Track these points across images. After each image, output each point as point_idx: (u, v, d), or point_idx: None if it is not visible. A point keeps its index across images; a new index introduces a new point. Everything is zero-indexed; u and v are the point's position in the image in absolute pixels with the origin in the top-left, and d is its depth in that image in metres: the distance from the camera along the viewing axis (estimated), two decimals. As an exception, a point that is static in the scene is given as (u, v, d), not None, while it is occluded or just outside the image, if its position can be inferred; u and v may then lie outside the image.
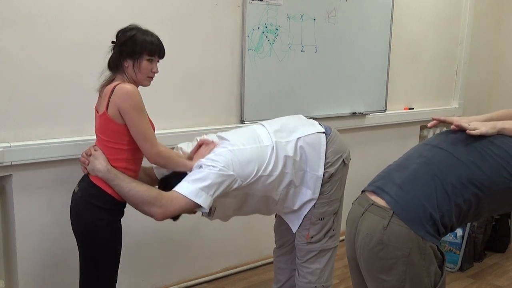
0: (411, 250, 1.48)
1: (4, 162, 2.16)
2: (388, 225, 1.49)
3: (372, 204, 1.57)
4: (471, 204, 1.53)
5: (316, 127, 2.17)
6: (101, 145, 1.91)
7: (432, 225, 1.49)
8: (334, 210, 2.19)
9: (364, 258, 1.56)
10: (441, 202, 1.50)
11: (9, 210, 2.31)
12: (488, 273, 3.24)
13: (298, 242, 2.23)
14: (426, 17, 4.04)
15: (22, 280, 2.33)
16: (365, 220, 1.57)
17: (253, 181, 1.98)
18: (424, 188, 1.53)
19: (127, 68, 1.90)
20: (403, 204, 1.52)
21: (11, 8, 2.15)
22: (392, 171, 1.66)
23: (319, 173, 2.10)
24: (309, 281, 2.22)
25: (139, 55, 1.88)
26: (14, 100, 2.20)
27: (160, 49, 1.93)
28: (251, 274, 3.14)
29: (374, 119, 3.74)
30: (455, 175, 1.53)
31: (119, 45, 1.89)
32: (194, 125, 2.79)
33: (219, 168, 1.90)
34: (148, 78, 1.95)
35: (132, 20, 2.51)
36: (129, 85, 1.84)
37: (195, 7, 2.71)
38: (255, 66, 2.96)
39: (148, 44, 1.88)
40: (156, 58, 1.94)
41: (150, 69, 1.92)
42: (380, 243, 1.50)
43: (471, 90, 4.55)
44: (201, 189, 1.86)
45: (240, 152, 1.99)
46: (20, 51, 2.19)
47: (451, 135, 1.68)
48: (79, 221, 1.90)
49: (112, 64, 1.92)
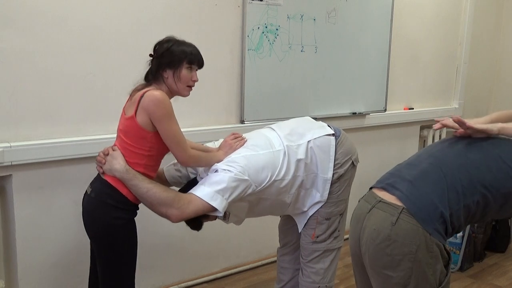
0: (418, 247, 1.48)
1: (4, 162, 2.16)
2: (396, 221, 1.50)
3: (380, 201, 1.58)
4: (479, 205, 1.54)
5: (326, 129, 2.18)
6: (121, 147, 1.89)
7: (442, 224, 1.51)
8: (341, 211, 2.20)
9: (369, 254, 1.57)
10: (451, 202, 1.51)
11: (9, 210, 2.31)
12: (488, 273, 3.24)
13: (303, 241, 2.24)
14: (426, 17, 4.04)
15: (22, 280, 2.33)
16: (372, 216, 1.58)
17: (267, 186, 2.00)
18: (435, 187, 1.54)
19: (167, 79, 1.90)
20: (415, 200, 1.53)
21: (12, 8, 2.15)
22: (402, 169, 1.67)
23: (328, 176, 2.12)
24: (313, 281, 2.22)
25: (178, 64, 1.88)
26: (14, 100, 2.20)
27: (199, 57, 1.95)
28: (251, 274, 3.14)
29: (374, 119, 3.74)
30: (465, 175, 1.54)
31: (157, 57, 1.89)
32: (194, 125, 2.80)
33: (235, 173, 1.91)
34: (187, 88, 1.95)
35: (132, 20, 2.51)
36: (158, 92, 1.83)
37: (195, 7, 2.71)
38: (255, 66, 2.96)
39: (187, 53, 1.90)
40: (195, 67, 1.95)
41: (190, 77, 1.92)
42: (388, 239, 1.51)
43: (471, 90, 4.55)
44: (216, 192, 1.87)
45: (254, 158, 2.00)
46: (20, 51, 2.19)
47: (461, 138, 1.70)
48: (95, 223, 1.88)
49: (150, 76, 1.92)
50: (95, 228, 1.89)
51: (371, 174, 3.81)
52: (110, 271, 1.91)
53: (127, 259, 1.91)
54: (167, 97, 1.86)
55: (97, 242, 1.91)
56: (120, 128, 1.92)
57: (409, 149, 4.13)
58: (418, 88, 4.14)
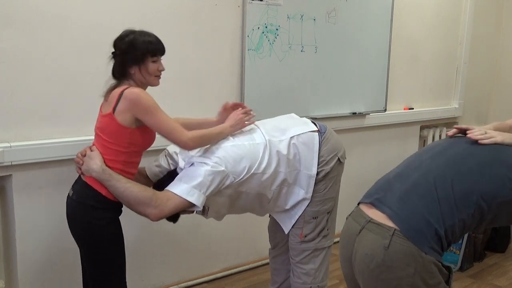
0: (415, 269, 1.40)
1: (4, 162, 2.16)
2: (389, 245, 1.41)
3: (369, 221, 1.49)
4: (475, 217, 1.46)
5: (309, 126, 2.16)
6: (99, 145, 1.90)
7: (437, 241, 1.43)
8: (328, 209, 2.18)
9: (364, 279, 1.49)
10: (445, 217, 1.43)
11: (9, 210, 2.31)
12: (488, 273, 3.24)
13: (291, 241, 2.22)
14: (426, 17, 4.04)
15: (22, 280, 2.33)
16: (363, 239, 1.49)
17: (246, 178, 1.98)
18: (427, 201, 1.45)
19: (134, 75, 1.90)
20: (406, 219, 1.44)
21: (12, 8, 2.15)
22: (392, 181, 1.58)
23: (312, 172, 2.10)
24: (304, 282, 2.21)
25: (143, 59, 1.88)
26: (14, 100, 2.20)
27: (161, 46, 1.94)
28: (251, 274, 3.14)
29: (374, 119, 3.74)
30: (459, 186, 1.46)
31: (121, 53, 1.89)
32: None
33: (211, 165, 1.90)
34: (156, 78, 1.96)
35: (132, 20, 2.51)
36: (137, 89, 1.85)
37: (195, 7, 2.71)
38: (255, 66, 2.96)
39: (149, 46, 1.88)
40: (159, 57, 1.95)
41: (156, 68, 1.93)
42: (382, 264, 1.42)
43: (471, 90, 4.55)
44: (193, 187, 1.86)
45: (233, 149, 1.99)
46: (20, 51, 2.19)
47: (454, 142, 1.62)
48: (78, 224, 1.89)
49: (117, 74, 1.92)
50: (79, 230, 1.89)
51: (371, 174, 3.81)
52: (99, 272, 1.91)
53: (113, 259, 1.91)
54: (145, 91, 1.88)
55: (82, 243, 1.91)
56: (97, 126, 1.93)
57: (409, 149, 4.13)
58: (418, 88, 4.14)
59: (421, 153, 1.66)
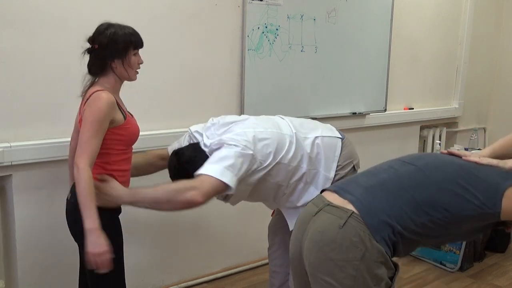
0: (363, 254, 1.41)
1: (4, 162, 2.16)
2: (344, 224, 1.43)
3: (328, 204, 1.52)
4: (436, 224, 1.47)
5: (334, 132, 2.19)
6: None
7: (391, 235, 1.44)
8: None
9: (312, 258, 1.49)
10: (406, 216, 1.45)
11: (9, 210, 2.31)
12: (488, 273, 3.24)
13: None
14: (426, 17, 4.04)
15: (22, 280, 2.33)
16: (318, 219, 1.51)
17: (272, 166, 1.96)
18: (391, 198, 1.48)
19: (116, 69, 1.86)
20: (367, 205, 1.47)
21: (12, 9, 2.15)
22: (359, 176, 1.63)
23: (331, 175, 2.10)
24: None
25: (125, 52, 1.85)
26: (14, 100, 2.21)
27: (141, 38, 1.91)
28: (251, 274, 3.14)
29: (374, 119, 3.74)
30: (425, 193, 1.48)
31: (100, 48, 1.85)
32: (194, 125, 2.79)
33: (241, 147, 1.87)
34: (136, 72, 1.94)
35: (132, 20, 2.50)
36: (104, 95, 1.79)
37: (195, 7, 2.71)
38: (255, 66, 2.96)
39: (131, 38, 1.85)
40: (139, 49, 1.92)
41: (137, 61, 1.91)
42: (333, 241, 1.43)
43: (471, 90, 4.55)
44: (225, 168, 1.82)
45: (261, 134, 1.97)
46: (20, 51, 2.19)
47: (426, 156, 1.67)
48: (77, 226, 1.86)
49: (95, 69, 1.88)
50: (78, 231, 1.84)
51: (371, 174, 3.82)
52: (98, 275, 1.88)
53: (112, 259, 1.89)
54: (109, 105, 1.79)
55: (83, 246, 1.89)
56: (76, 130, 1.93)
57: (409, 149, 4.13)
58: (418, 88, 4.14)
59: (391, 161, 1.68)
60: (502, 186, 1.47)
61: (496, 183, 1.48)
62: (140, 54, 1.93)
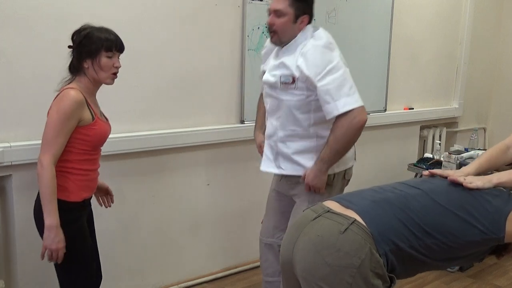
0: (362, 262, 1.38)
1: (4, 162, 2.16)
2: (345, 230, 1.41)
3: (329, 211, 1.49)
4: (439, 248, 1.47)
5: None
6: None
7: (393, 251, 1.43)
8: None
9: (306, 262, 1.45)
10: (410, 235, 1.45)
11: (9, 210, 2.31)
12: (488, 273, 3.23)
13: None
14: (426, 17, 4.04)
15: (22, 280, 2.33)
16: (317, 224, 1.48)
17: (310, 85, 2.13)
18: (397, 215, 1.47)
19: (87, 70, 1.86)
20: (374, 216, 1.46)
21: (11, 8, 2.15)
22: (363, 191, 1.61)
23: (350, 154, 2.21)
24: None
25: (96, 53, 1.84)
26: (14, 100, 2.21)
27: (118, 42, 1.87)
28: (251, 274, 3.14)
29: (374, 119, 3.73)
30: (430, 216, 1.48)
31: (76, 47, 1.86)
32: (194, 125, 2.80)
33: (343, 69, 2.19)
34: (111, 76, 1.89)
35: (132, 20, 2.51)
36: (73, 93, 1.80)
37: (195, 7, 2.71)
38: (255, 66, 2.96)
39: (103, 40, 1.84)
40: (116, 53, 1.89)
41: (111, 65, 1.87)
42: (332, 246, 1.40)
43: (471, 90, 4.55)
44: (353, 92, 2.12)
45: None
46: (20, 51, 2.19)
47: (431, 180, 1.66)
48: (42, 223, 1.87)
49: (72, 68, 1.89)
50: (42, 228, 1.86)
51: (371, 174, 3.82)
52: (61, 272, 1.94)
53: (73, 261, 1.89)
54: (76, 104, 1.79)
55: None
56: None
57: (409, 149, 4.14)
58: (418, 88, 4.14)
59: (396, 183, 1.68)
60: (504, 210, 1.49)
61: (499, 208, 1.50)
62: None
